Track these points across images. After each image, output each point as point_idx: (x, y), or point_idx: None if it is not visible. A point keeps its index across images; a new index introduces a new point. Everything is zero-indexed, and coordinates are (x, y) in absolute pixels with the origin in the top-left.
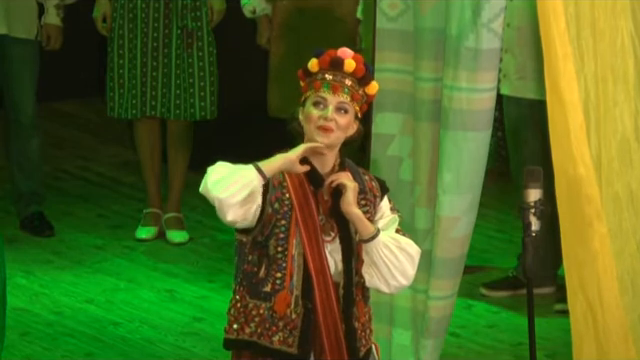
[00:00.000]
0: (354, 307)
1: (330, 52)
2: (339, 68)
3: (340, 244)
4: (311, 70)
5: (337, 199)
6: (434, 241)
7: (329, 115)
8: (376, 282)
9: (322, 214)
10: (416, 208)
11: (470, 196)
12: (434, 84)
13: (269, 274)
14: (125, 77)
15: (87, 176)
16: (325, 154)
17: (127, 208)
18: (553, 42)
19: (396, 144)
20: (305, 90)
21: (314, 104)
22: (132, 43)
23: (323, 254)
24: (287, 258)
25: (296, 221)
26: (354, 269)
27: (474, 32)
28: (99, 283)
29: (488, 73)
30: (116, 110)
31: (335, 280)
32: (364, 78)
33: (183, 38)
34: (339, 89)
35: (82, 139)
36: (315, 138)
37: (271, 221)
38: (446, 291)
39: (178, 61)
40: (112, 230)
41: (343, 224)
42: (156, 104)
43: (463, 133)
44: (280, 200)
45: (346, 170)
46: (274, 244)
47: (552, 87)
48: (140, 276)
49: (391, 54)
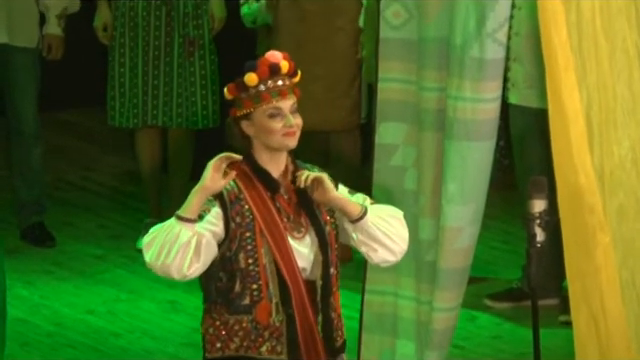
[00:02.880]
0: (331, 297)
1: (263, 61)
2: (278, 73)
3: (316, 236)
4: (249, 84)
5: (302, 194)
6: (438, 252)
7: (292, 122)
8: (382, 255)
9: (287, 214)
10: (420, 218)
11: (474, 206)
12: (438, 94)
13: (245, 287)
14: (126, 86)
15: (88, 186)
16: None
17: (128, 218)
18: (554, 52)
19: (400, 154)
20: (247, 105)
21: (270, 116)
22: (133, 52)
23: (292, 257)
24: (259, 268)
25: (260, 230)
26: (330, 260)
27: (478, 42)
28: (100, 294)
29: (493, 83)
30: (117, 119)
31: (310, 277)
32: (295, 72)
33: (185, 46)
34: (286, 93)
35: (83, 149)
36: (281, 146)
37: (236, 235)
38: (450, 302)
39: (180, 70)
40: (113, 240)
41: (313, 217)
42: (157, 113)
43: (467, 143)
44: (241, 213)
45: (299, 168)
46: (244, 257)
47: (553, 97)
48: (141, 287)
49: (395, 64)
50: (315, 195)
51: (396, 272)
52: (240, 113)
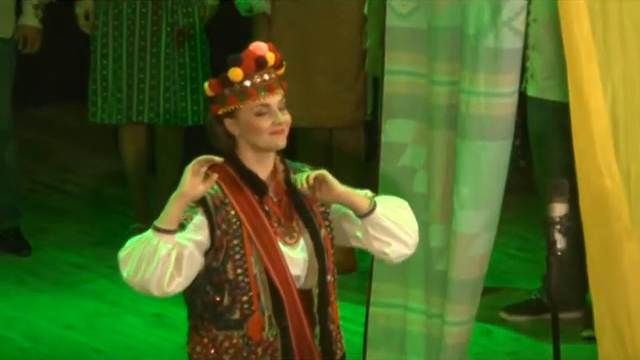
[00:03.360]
0: (329, 307)
1: (248, 54)
2: (264, 66)
3: (311, 241)
4: (234, 80)
5: (294, 195)
6: (450, 261)
7: (281, 119)
8: (397, 248)
9: (277, 219)
10: (430, 224)
11: (489, 211)
12: (450, 88)
13: (235, 300)
14: (109, 79)
15: (67, 189)
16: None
17: (112, 224)
18: (575, 42)
19: (408, 154)
20: (232, 102)
21: (257, 114)
22: (117, 42)
23: (284, 264)
24: (249, 279)
25: (249, 237)
26: (327, 266)
27: (494, 31)
28: (80, 307)
29: (509, 75)
30: (99, 115)
31: (304, 286)
32: (281, 64)
33: (173, 36)
34: (274, 88)
35: (62, 148)
36: (269, 146)
37: (223, 244)
38: (463, 316)
39: (167, 61)
40: (95, 248)
41: (307, 221)
42: (143, 109)
43: (482, 142)
44: (226, 219)
45: (289, 167)
46: (232, 267)
47: (575, 90)
48: (125, 299)
49: (402, 55)
50: (319, 194)
51: (404, 283)
52: (223, 111)
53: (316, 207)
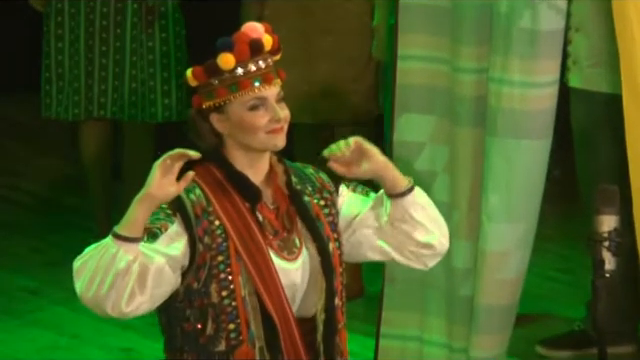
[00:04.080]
0: (336, 337)
1: (241, 37)
2: (260, 52)
3: (319, 256)
4: (224, 68)
5: (296, 200)
6: (476, 284)
7: (280, 116)
8: (442, 241)
9: (273, 229)
10: (453, 240)
11: (523, 225)
12: (477, 76)
13: (219, 328)
14: (65, 66)
15: (16, 197)
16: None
17: (70, 240)
18: (629, 22)
19: (427, 155)
20: (221, 94)
21: (251, 109)
22: (74, 21)
23: (279, 285)
24: (237, 303)
25: (236, 252)
26: (335, 288)
27: (530, 8)
28: (33, 339)
29: (549, 62)
30: (54, 109)
31: (304, 313)
32: (278, 49)
33: (141, 15)
34: (271, 78)
35: (9, 148)
36: (266, 147)
37: (205, 260)
38: (492, 350)
39: (134, 45)
40: (50, 269)
41: (313, 231)
42: (106, 102)
43: (515, 141)
44: (209, 231)
45: (287, 168)
46: (216, 288)
47: (628, 81)
48: (87, 330)
49: (419, 37)
50: (355, 169)
51: (421, 310)
52: (209, 104)
53: (324, 216)
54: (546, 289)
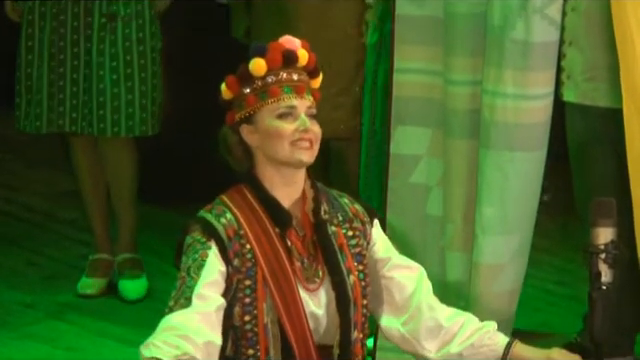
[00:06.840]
0: None
1: (275, 46)
2: (293, 64)
3: (334, 290)
4: (255, 74)
5: (321, 228)
6: (471, 297)
7: (308, 125)
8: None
9: (300, 257)
10: (447, 253)
11: (519, 237)
12: (471, 89)
13: (239, 351)
14: (33, 78)
15: (12, 211)
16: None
17: (66, 254)
18: (629, 33)
19: (422, 168)
20: (250, 103)
21: (280, 117)
22: (43, 32)
23: (303, 316)
24: (258, 329)
25: (263, 279)
26: (352, 322)
27: (523, 20)
28: (28, 351)
29: (542, 74)
30: (22, 121)
31: (324, 341)
32: (315, 70)
33: (107, 27)
34: (303, 90)
35: (5, 162)
36: (290, 159)
37: (233, 283)
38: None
39: (101, 58)
40: (46, 282)
41: (333, 262)
42: (77, 116)
43: (509, 154)
44: (240, 254)
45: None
46: (239, 312)
47: (629, 93)
48: (83, 343)
49: (415, 49)
50: None
51: None
52: (240, 115)
53: (348, 247)
54: (543, 302)
